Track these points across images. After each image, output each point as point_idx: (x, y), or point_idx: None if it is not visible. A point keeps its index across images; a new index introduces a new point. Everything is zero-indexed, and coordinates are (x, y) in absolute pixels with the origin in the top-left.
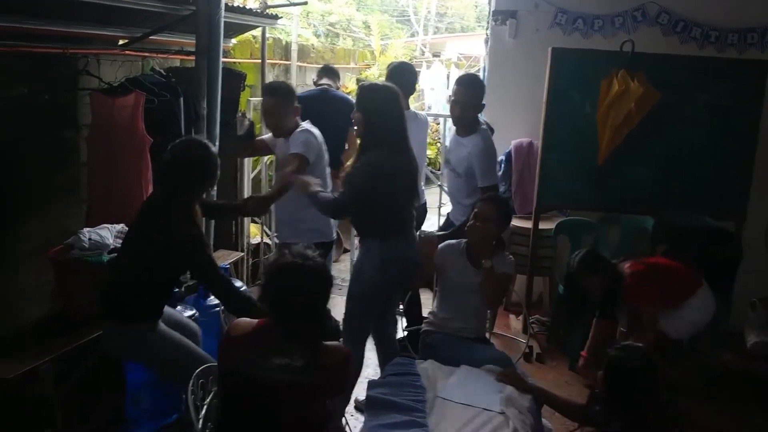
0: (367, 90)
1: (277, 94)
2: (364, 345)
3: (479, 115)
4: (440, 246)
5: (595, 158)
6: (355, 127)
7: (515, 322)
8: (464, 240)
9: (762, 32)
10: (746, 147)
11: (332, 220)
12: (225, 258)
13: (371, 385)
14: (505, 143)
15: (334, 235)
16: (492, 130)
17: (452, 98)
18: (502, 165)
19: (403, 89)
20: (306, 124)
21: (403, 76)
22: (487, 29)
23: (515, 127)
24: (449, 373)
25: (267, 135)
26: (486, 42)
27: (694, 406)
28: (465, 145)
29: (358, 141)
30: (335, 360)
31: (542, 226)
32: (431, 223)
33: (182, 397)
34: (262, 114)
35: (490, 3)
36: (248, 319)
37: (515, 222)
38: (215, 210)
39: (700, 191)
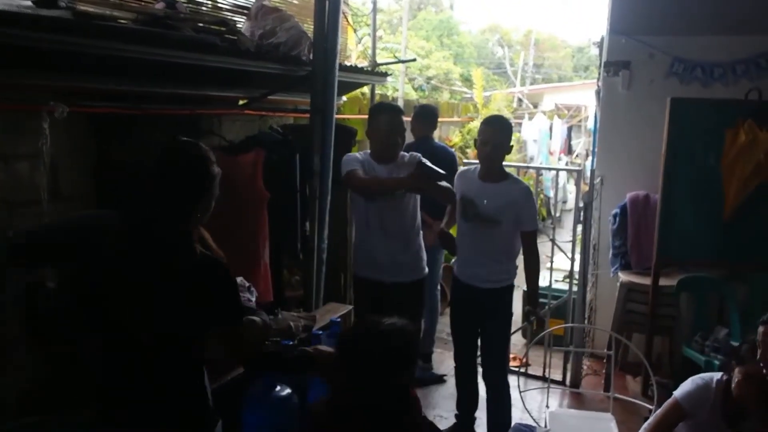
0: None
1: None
2: None
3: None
4: (694, 389)
5: (720, 211)
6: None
7: (633, 384)
8: (719, 383)
9: None
10: None
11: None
12: (335, 311)
13: None
14: (618, 195)
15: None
16: None
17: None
18: (617, 218)
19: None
20: None
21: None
22: (598, 80)
23: (630, 179)
24: None
25: None
26: (597, 93)
27: None
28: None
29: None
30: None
31: (662, 282)
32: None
33: None
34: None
35: (601, 55)
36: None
37: (632, 278)
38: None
39: None
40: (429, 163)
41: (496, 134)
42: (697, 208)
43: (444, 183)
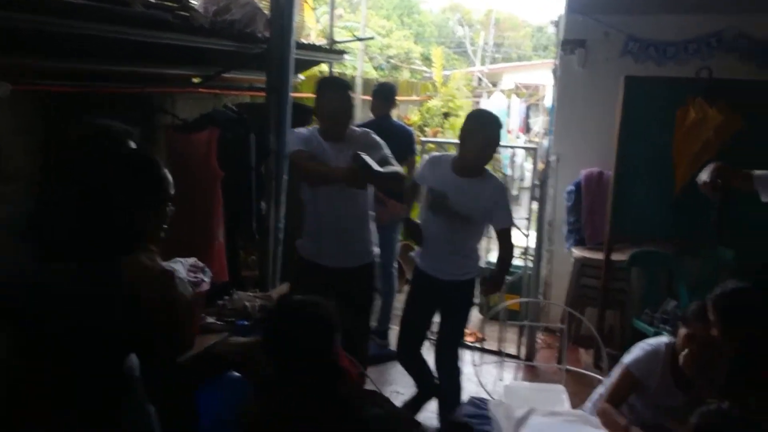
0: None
1: None
2: None
3: None
4: (642, 355)
5: (671, 187)
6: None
7: (585, 357)
8: (668, 347)
9: None
10: None
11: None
12: None
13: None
14: (573, 173)
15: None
16: None
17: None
18: (572, 195)
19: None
20: None
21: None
22: (555, 59)
23: (585, 156)
24: (522, 420)
25: None
26: (554, 72)
27: None
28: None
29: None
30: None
31: (615, 257)
32: None
33: None
34: None
35: (558, 33)
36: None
37: (586, 253)
38: None
39: None
40: (366, 158)
41: (496, 135)
42: (648, 185)
43: (393, 168)
